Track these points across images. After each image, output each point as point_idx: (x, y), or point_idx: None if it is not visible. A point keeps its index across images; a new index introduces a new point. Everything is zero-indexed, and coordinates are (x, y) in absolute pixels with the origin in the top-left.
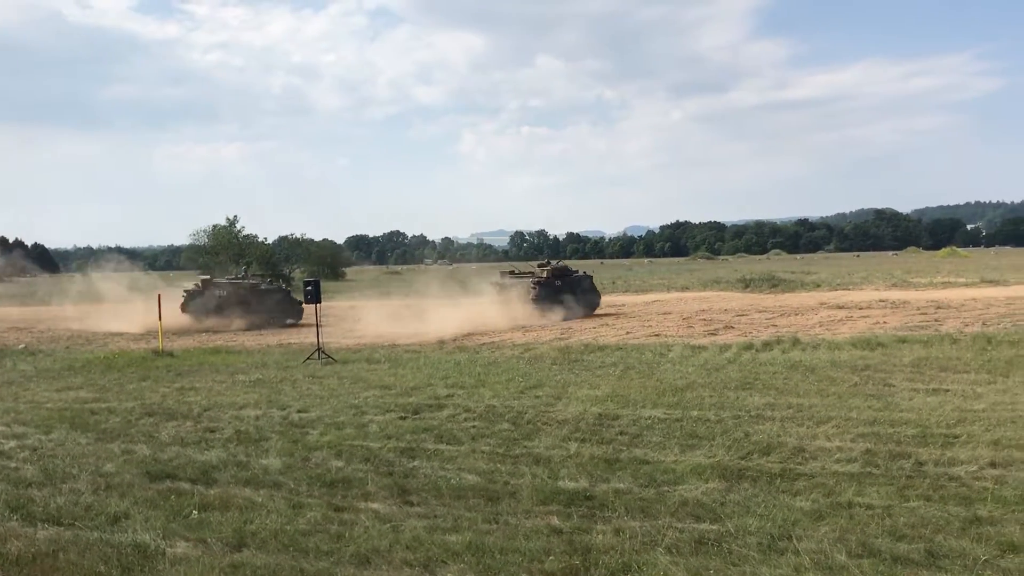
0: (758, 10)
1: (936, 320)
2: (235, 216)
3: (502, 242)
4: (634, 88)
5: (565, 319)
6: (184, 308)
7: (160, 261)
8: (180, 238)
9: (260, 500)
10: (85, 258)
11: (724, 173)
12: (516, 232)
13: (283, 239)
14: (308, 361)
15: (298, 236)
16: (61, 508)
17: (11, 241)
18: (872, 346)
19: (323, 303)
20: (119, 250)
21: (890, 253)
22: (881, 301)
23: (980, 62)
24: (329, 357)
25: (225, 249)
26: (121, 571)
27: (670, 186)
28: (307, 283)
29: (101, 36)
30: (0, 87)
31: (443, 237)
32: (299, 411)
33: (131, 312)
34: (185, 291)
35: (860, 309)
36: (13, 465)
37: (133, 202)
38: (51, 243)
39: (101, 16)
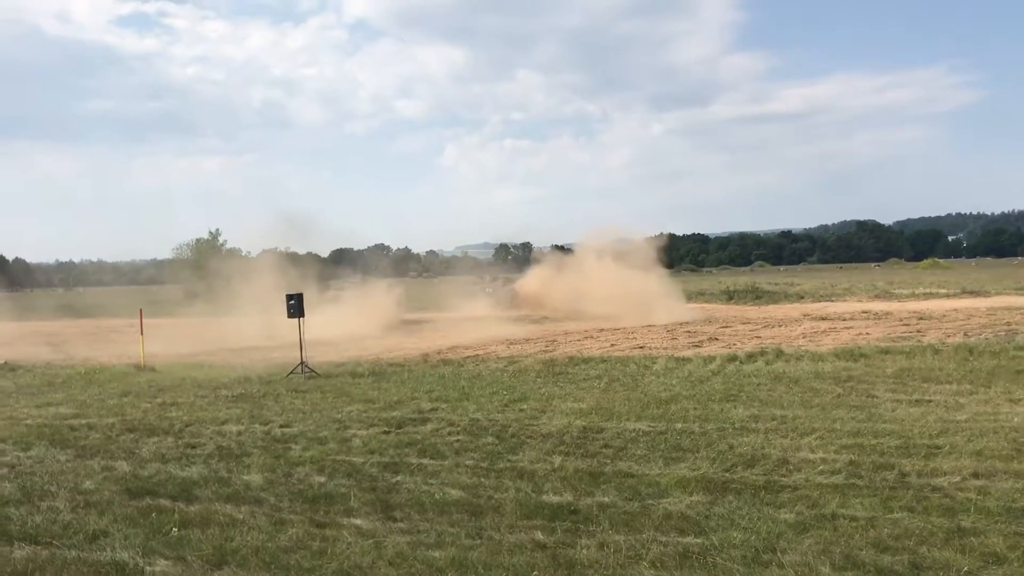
0: (735, 24)
1: (918, 331)
2: (217, 230)
3: (487, 254)
4: (614, 101)
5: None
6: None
7: (143, 275)
8: (163, 252)
9: (241, 516)
10: (67, 272)
11: (706, 185)
12: (501, 244)
13: (267, 253)
14: (291, 375)
15: (282, 250)
16: (39, 526)
17: None
18: (855, 357)
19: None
20: (101, 264)
21: (872, 265)
22: (864, 312)
23: (954, 75)
24: (312, 371)
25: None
26: None
27: (653, 198)
28: (290, 297)
29: (80, 50)
30: None
31: (428, 250)
32: (281, 426)
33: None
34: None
35: (843, 320)
36: None
37: (114, 216)
38: (32, 258)
39: (80, 30)
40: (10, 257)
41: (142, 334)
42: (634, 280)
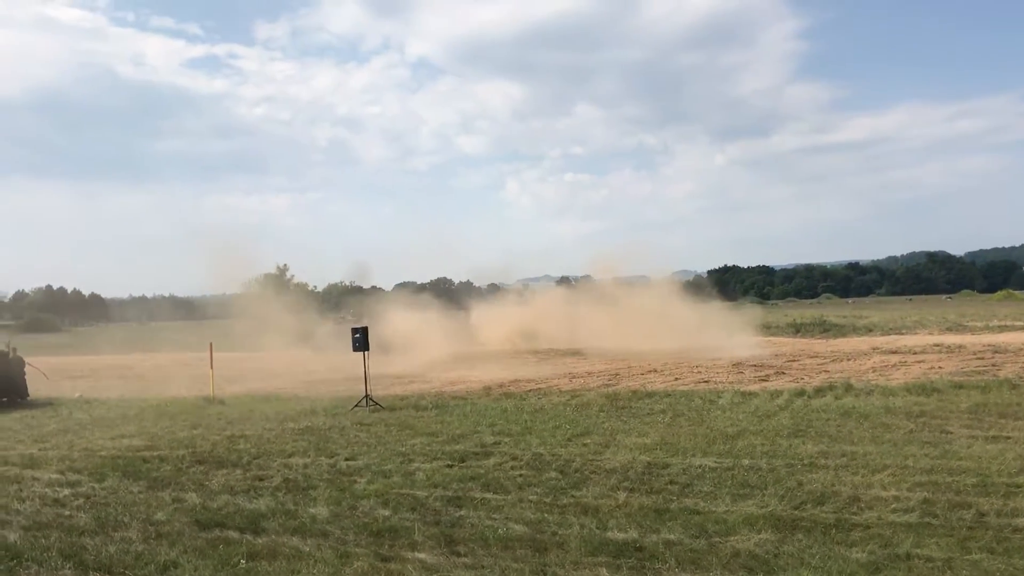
0: (797, 54)
1: (994, 365)
2: (285, 265)
3: (548, 287)
4: (675, 134)
5: None
6: None
7: (213, 310)
8: (231, 287)
9: (308, 550)
10: (140, 307)
11: (770, 216)
12: (562, 277)
13: (333, 287)
14: (356, 408)
15: (347, 284)
16: (112, 557)
17: (69, 291)
18: (927, 392)
19: None
20: (173, 299)
21: (944, 297)
22: (936, 346)
23: None
24: (377, 404)
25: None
26: None
27: (716, 230)
28: (355, 331)
29: (152, 92)
30: (57, 143)
31: (489, 283)
32: (347, 459)
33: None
34: None
35: (914, 354)
36: (67, 513)
37: (185, 252)
38: (107, 293)
39: (152, 72)
40: (87, 292)
41: (212, 368)
42: (658, 310)
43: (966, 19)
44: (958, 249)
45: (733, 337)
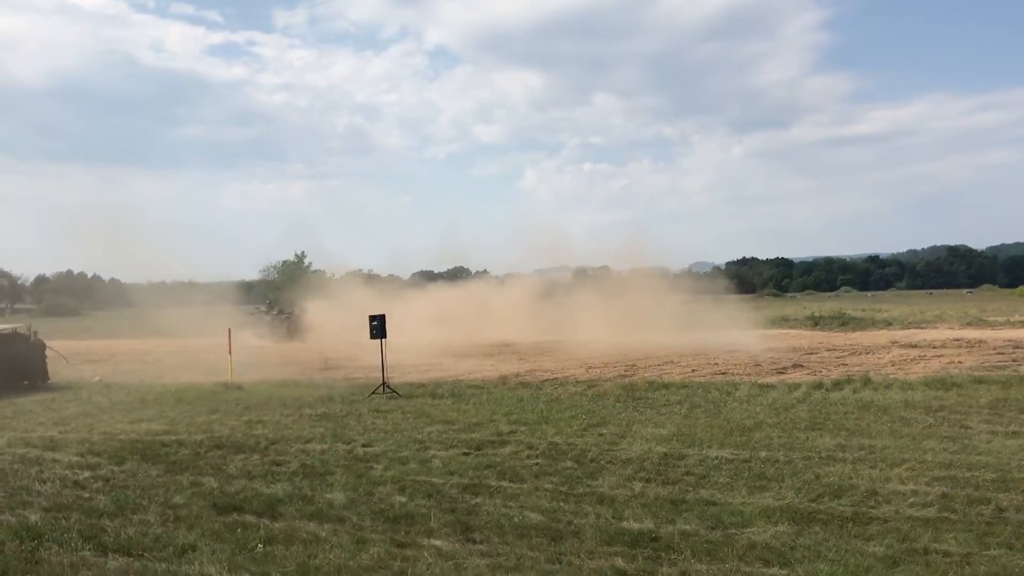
0: (818, 46)
1: (1014, 360)
2: (303, 252)
3: (564, 278)
4: (694, 124)
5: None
6: None
7: (231, 296)
8: (251, 273)
9: (324, 535)
10: (159, 293)
11: (789, 209)
12: (579, 268)
13: (350, 275)
14: (373, 395)
15: (365, 272)
16: (131, 539)
17: (89, 276)
18: (947, 386)
19: None
20: (192, 285)
21: (964, 291)
22: (956, 340)
23: None
24: (394, 392)
25: (295, 284)
26: None
27: (734, 222)
28: (373, 318)
29: (172, 78)
30: (77, 130)
31: (506, 273)
32: (364, 445)
33: None
34: None
35: (934, 348)
36: (87, 495)
37: (204, 238)
38: (127, 278)
39: (173, 59)
40: (106, 278)
41: (230, 353)
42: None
43: (988, 9)
44: (979, 243)
45: (731, 331)
